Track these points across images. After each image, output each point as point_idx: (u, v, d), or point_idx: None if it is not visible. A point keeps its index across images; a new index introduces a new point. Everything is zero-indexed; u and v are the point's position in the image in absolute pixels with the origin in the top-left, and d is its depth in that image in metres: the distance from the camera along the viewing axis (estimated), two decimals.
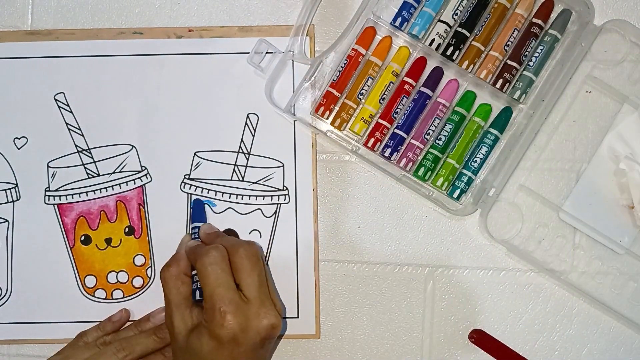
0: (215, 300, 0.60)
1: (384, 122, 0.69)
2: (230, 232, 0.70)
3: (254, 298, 0.61)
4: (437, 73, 0.69)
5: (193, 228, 0.68)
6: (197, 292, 0.64)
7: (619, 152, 0.69)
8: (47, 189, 0.71)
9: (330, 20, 0.72)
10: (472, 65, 0.69)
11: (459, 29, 0.69)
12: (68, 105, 0.71)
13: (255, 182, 0.71)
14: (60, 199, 0.71)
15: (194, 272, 0.64)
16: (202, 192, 0.71)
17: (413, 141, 0.69)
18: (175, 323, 0.62)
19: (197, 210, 0.69)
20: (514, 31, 0.69)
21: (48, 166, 0.71)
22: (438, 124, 0.69)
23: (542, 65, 0.69)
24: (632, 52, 0.70)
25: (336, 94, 0.69)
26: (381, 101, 0.69)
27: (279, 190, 0.71)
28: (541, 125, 0.69)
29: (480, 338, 0.69)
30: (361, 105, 0.70)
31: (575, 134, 0.70)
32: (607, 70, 0.70)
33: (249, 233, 0.71)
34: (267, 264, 0.70)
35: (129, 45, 0.71)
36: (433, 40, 0.68)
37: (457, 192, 0.69)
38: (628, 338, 0.70)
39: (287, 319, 0.70)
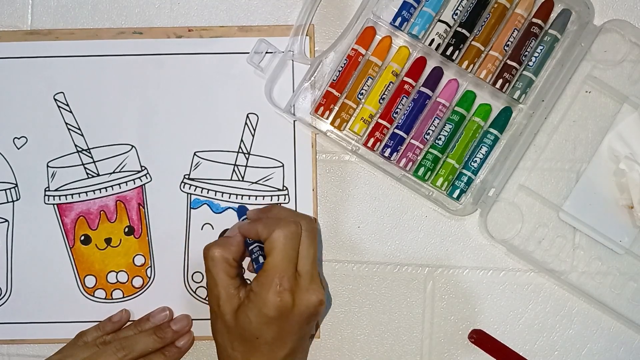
0: (276, 274, 0.60)
1: (384, 122, 0.69)
2: None
3: (306, 273, 0.61)
4: (437, 73, 0.69)
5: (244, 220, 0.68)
6: (260, 258, 0.63)
7: (619, 152, 0.69)
8: (47, 189, 0.71)
9: (330, 20, 0.72)
10: (472, 65, 0.69)
11: (459, 29, 0.69)
12: (68, 105, 0.71)
13: (255, 182, 0.71)
14: (60, 199, 0.71)
15: (254, 244, 0.64)
16: (202, 192, 0.71)
17: (413, 141, 0.69)
18: (222, 304, 0.62)
19: (242, 211, 0.69)
20: (513, 31, 0.69)
21: (48, 166, 0.71)
22: (438, 124, 0.69)
23: (542, 65, 0.69)
24: (632, 52, 0.70)
25: (336, 94, 0.69)
26: (381, 101, 0.69)
27: (279, 190, 0.71)
28: (541, 125, 0.69)
29: (480, 338, 0.69)
30: (361, 105, 0.70)
31: (575, 134, 0.70)
32: (607, 70, 0.70)
33: None
34: None
35: (128, 45, 0.71)
36: (433, 40, 0.68)
37: (457, 192, 0.68)
38: (628, 338, 0.70)
39: None
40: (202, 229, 0.71)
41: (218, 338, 0.64)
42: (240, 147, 0.71)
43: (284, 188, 0.71)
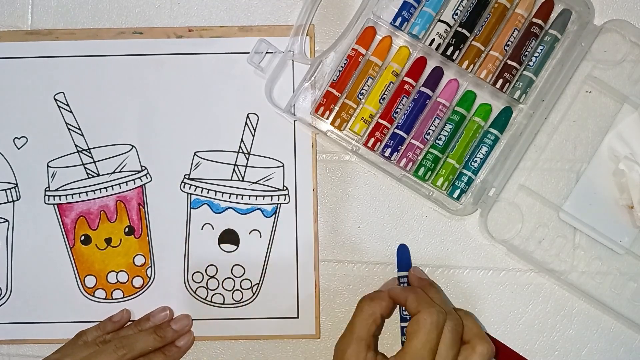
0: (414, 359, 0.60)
1: (384, 122, 0.69)
2: (230, 233, 0.70)
3: None
4: (437, 73, 0.69)
5: (400, 277, 0.68)
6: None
7: (619, 152, 0.69)
8: (47, 189, 0.71)
9: (330, 20, 0.72)
10: (472, 65, 0.69)
11: (459, 29, 0.69)
12: (68, 105, 0.71)
13: (255, 182, 0.71)
14: (60, 199, 0.71)
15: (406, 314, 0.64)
16: (202, 192, 0.71)
17: (413, 141, 0.69)
18: (348, 354, 0.62)
19: (403, 257, 0.68)
20: (514, 31, 0.69)
21: (48, 166, 0.71)
22: (438, 123, 0.69)
23: (542, 65, 0.69)
24: (632, 52, 0.70)
25: (336, 93, 0.69)
26: (381, 101, 0.69)
27: (279, 190, 0.71)
28: (541, 125, 0.69)
29: None
30: (361, 105, 0.70)
31: (575, 134, 0.70)
32: (607, 70, 0.70)
33: (249, 233, 0.71)
34: (267, 264, 0.70)
35: (128, 45, 0.71)
36: (433, 40, 0.68)
37: (457, 192, 0.69)
38: (628, 338, 0.70)
39: (287, 319, 0.70)
40: (202, 229, 0.71)
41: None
42: (240, 147, 0.71)
43: (284, 188, 0.71)
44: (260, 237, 0.71)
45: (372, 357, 0.62)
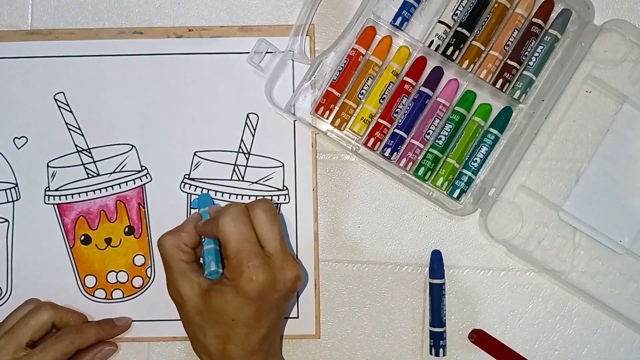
0: (242, 256, 0.59)
1: (384, 122, 0.69)
2: None
3: (277, 252, 0.61)
4: (437, 73, 0.69)
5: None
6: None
7: None
8: (47, 189, 0.71)
9: (330, 20, 0.72)
10: (472, 65, 0.69)
11: (459, 29, 0.69)
12: (68, 105, 0.71)
13: (255, 182, 0.71)
14: (60, 199, 0.71)
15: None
16: (201, 192, 0.70)
17: (413, 141, 0.69)
18: (183, 290, 0.61)
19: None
20: (514, 31, 0.69)
21: (48, 166, 0.71)
22: (438, 123, 0.69)
23: (542, 65, 0.69)
24: (632, 52, 0.70)
25: (336, 93, 0.69)
26: (381, 101, 0.69)
27: (279, 190, 0.71)
28: (541, 125, 0.69)
29: (480, 338, 0.69)
30: (361, 105, 0.70)
31: (575, 134, 0.70)
32: (607, 70, 0.70)
33: None
34: None
35: (129, 45, 0.71)
36: (432, 41, 0.69)
37: (457, 191, 0.69)
38: (628, 338, 0.70)
39: (287, 319, 0.70)
40: None
41: (189, 329, 0.63)
42: (240, 147, 0.71)
43: (284, 188, 0.71)
44: None
45: (203, 278, 0.62)
